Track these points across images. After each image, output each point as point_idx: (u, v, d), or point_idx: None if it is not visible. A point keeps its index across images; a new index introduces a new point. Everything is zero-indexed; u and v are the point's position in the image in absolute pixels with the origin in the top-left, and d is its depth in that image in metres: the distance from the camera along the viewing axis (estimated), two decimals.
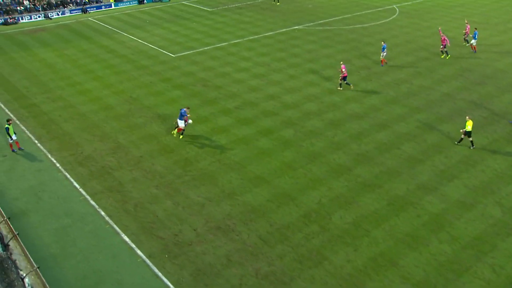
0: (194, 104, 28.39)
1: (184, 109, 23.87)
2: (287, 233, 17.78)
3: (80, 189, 20.45)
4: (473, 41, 36.81)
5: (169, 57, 36.98)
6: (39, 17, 50.75)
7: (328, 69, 33.85)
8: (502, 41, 40.03)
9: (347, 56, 36.40)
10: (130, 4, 56.86)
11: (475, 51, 36.88)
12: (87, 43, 40.93)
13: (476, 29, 37.60)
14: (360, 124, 25.79)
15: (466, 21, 39.97)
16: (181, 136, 24.45)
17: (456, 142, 23.79)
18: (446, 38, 35.57)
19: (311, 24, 46.22)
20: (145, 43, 40.63)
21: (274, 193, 20.02)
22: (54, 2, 52.59)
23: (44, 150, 23.59)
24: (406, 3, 54.84)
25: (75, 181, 21.05)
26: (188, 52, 38.00)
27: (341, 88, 30.22)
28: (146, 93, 30.21)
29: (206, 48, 39.07)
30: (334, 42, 40.18)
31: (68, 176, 21.43)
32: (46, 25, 47.87)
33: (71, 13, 52.68)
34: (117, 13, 52.55)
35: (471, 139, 23.33)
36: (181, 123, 23.93)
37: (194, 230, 18.00)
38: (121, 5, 56.15)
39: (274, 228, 18.02)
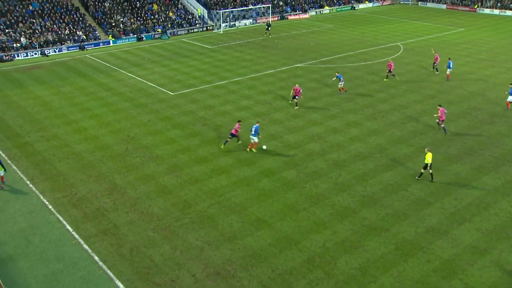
0: (194, 144, 28.82)
1: (257, 124, 27.00)
2: (290, 279, 17.70)
3: (73, 232, 20.50)
4: (448, 71, 40.53)
5: (168, 95, 37.77)
6: (35, 54, 52.10)
7: (332, 107, 34.47)
8: (510, 79, 40.86)
9: (349, 94, 37.13)
10: (128, 41, 58.49)
11: (448, 79, 40.64)
12: (84, 81, 41.88)
13: (449, 59, 41.88)
14: (365, 165, 26.06)
15: (433, 51, 45.08)
16: (253, 150, 27.55)
17: (416, 177, 24.54)
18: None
19: (314, 61, 47.38)
20: (144, 81, 41.59)
21: (276, 237, 20.05)
22: (51, 39, 54.12)
23: (37, 191, 23.78)
24: (411, 40, 56.38)
25: (68, 223, 21.14)
26: (188, 90, 38.83)
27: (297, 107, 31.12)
28: (144, 132, 30.71)
29: (206, 86, 39.94)
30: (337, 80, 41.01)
31: (61, 218, 21.53)
32: (42, 62, 49.11)
33: (68, 50, 54.11)
34: (115, 50, 53.99)
35: (431, 171, 24.12)
36: (254, 138, 26.93)
37: (193, 276, 17.94)
38: (119, 42, 57.73)
39: (276, 274, 17.96)
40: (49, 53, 52.86)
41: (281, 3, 77.50)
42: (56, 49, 53.48)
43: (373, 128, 30.83)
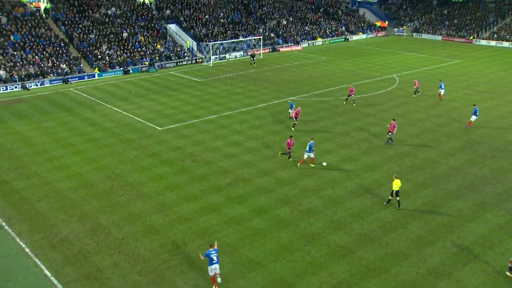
0: (182, 181, 28.85)
1: (312, 141, 29.89)
2: None
3: (52, 278, 20.17)
4: (441, 91, 44.91)
5: (156, 130, 37.99)
6: (15, 87, 52.38)
7: (326, 142, 34.82)
8: (510, 112, 41.70)
9: (345, 129, 37.62)
10: (115, 74, 59.14)
11: (441, 98, 45.22)
12: (67, 116, 42.06)
13: (441, 80, 46.68)
14: (362, 201, 26.17)
15: (414, 79, 49.14)
16: (311, 165, 30.30)
17: (385, 203, 25.59)
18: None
19: (307, 94, 48.12)
20: (131, 115, 41.87)
21: (270, 279, 19.88)
22: (33, 72, 54.57)
23: (13, 234, 23.45)
24: (406, 72, 57.60)
25: (47, 268, 20.81)
26: (176, 125, 39.10)
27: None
28: (130, 168, 30.72)
29: (195, 120, 40.27)
30: (331, 113, 41.65)
31: (39, 262, 21.20)
32: (23, 96, 49.34)
33: (51, 83, 54.49)
34: (101, 84, 54.50)
35: (398, 198, 25.08)
36: (310, 154, 29.82)
37: None
38: (105, 75, 58.34)
39: None
40: (31, 86, 53.18)
41: (272, 35, 79.21)
42: (38, 82, 53.86)
43: (370, 163, 31.11)
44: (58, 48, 59.27)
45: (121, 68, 60.20)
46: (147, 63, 62.24)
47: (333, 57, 69.90)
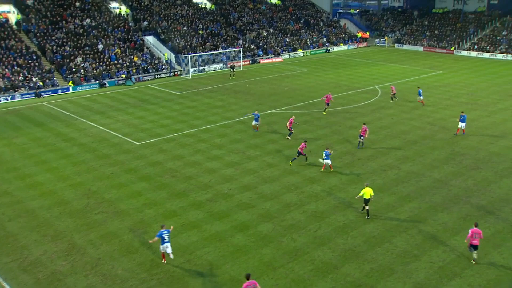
0: (161, 197, 28.65)
1: (328, 151, 31.71)
2: None
3: None
4: (420, 97, 48.09)
5: (133, 145, 37.74)
6: None
7: (308, 155, 34.99)
8: (493, 123, 42.57)
9: (328, 141, 37.89)
10: (90, 88, 58.71)
11: (423, 104, 48.34)
12: (40, 131, 41.53)
13: (419, 87, 49.81)
14: (346, 216, 26.31)
15: (391, 85, 52.22)
16: (327, 169, 31.99)
17: (360, 210, 26.47)
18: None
19: (289, 107, 48.43)
20: (107, 130, 41.55)
21: None
22: (2, 86, 53.86)
23: None
24: (388, 83, 58.36)
25: None
26: (154, 140, 38.91)
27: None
28: (107, 185, 30.40)
29: (174, 135, 40.14)
30: (314, 126, 41.95)
31: (8, 287, 20.73)
32: None
33: (22, 97, 53.77)
34: (75, 98, 54.03)
35: (367, 207, 25.84)
36: (328, 161, 31.71)
37: None
38: (80, 89, 57.88)
39: None
40: (1, 101, 52.43)
41: (252, 46, 79.74)
42: (9, 96, 53.14)
43: (353, 177, 31.35)
44: (29, 61, 58.64)
45: (97, 82, 59.81)
46: (124, 76, 61.99)
47: (314, 69, 70.62)
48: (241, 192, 29.20)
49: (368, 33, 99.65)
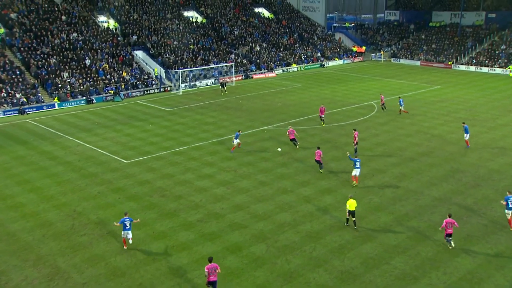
0: (151, 217, 28.50)
1: (359, 159, 32.69)
2: None
3: None
4: (400, 107, 51.01)
5: (121, 163, 37.63)
6: None
7: (303, 173, 35.05)
8: (493, 139, 42.89)
9: (322, 159, 37.92)
10: (77, 104, 58.70)
11: (407, 112, 51.21)
12: (23, 149, 41.34)
13: (400, 97, 52.89)
14: (342, 236, 26.26)
15: (380, 94, 55.79)
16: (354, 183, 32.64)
17: (345, 224, 27.35)
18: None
19: (282, 123, 48.59)
20: (94, 148, 41.44)
21: None
22: None
23: None
24: (386, 99, 58.69)
25: None
26: (143, 158, 38.84)
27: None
28: (93, 206, 30.22)
29: (164, 152, 40.10)
30: (308, 143, 42.06)
31: None
32: None
33: (5, 114, 53.51)
34: (61, 115, 53.94)
35: (354, 219, 26.90)
36: (356, 171, 32.23)
37: None
38: (66, 105, 57.83)
39: None
40: None
41: (245, 61, 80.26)
42: None
43: (347, 195, 31.27)
44: (13, 76, 58.54)
45: (84, 98, 59.82)
46: (112, 92, 62.07)
47: (308, 84, 71.07)
48: (233, 212, 29.11)
49: (363, 48, 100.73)
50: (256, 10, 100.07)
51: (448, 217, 24.73)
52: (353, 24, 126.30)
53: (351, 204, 26.61)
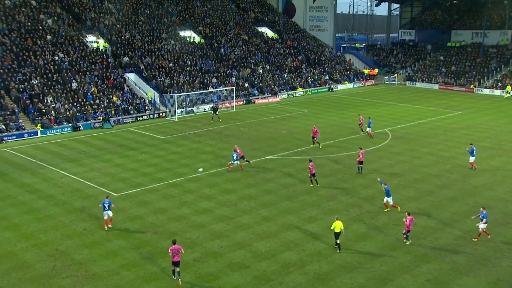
0: (142, 256, 28.40)
1: (388, 187, 34.17)
2: None
3: None
4: (368, 129, 53.89)
5: (111, 196, 37.53)
6: None
7: (309, 208, 35.03)
8: None
9: (332, 192, 38.02)
10: (61, 131, 59.03)
11: (372, 137, 53.76)
12: (0, 182, 41.38)
13: (369, 118, 55.66)
14: (354, 278, 26.10)
15: (359, 115, 57.79)
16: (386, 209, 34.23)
17: (338, 251, 28.69)
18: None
19: (287, 153, 48.77)
20: (81, 179, 41.54)
21: None
22: None
23: None
24: (399, 126, 59.15)
25: None
26: (135, 190, 38.90)
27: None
28: (78, 244, 30.15)
29: (157, 184, 40.17)
30: (315, 174, 42.06)
31: None
32: None
33: None
34: (44, 143, 54.22)
35: (338, 241, 28.50)
36: (389, 199, 33.88)
37: None
38: (50, 133, 58.14)
39: None
40: None
41: (246, 85, 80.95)
42: None
43: (361, 232, 31.26)
44: None
45: (70, 124, 60.20)
46: (101, 118, 62.47)
47: (315, 110, 71.54)
48: (234, 250, 29.01)
49: (376, 70, 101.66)
50: (259, 29, 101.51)
51: (408, 214, 29.45)
52: (364, 44, 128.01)
53: (337, 226, 28.30)
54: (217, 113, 65.02)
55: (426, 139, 52.86)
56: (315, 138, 50.05)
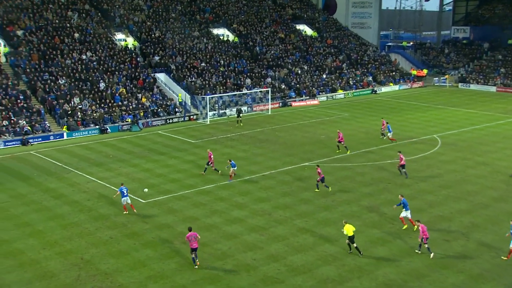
0: (170, 268, 28.64)
1: (405, 200, 33.49)
2: None
3: None
4: (389, 134, 54.06)
5: (138, 203, 38.09)
6: None
7: (350, 219, 34.62)
8: None
9: (374, 202, 37.64)
10: (88, 134, 59.99)
11: (395, 141, 53.97)
12: (25, 186, 42.25)
13: (387, 122, 55.21)
14: None
15: (382, 118, 58.38)
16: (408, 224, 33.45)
17: (349, 252, 29.82)
18: (341, 135, 51.56)
19: (325, 159, 48.52)
20: (107, 185, 42.13)
21: None
22: None
23: None
24: (451, 132, 58.17)
25: None
26: (163, 197, 39.24)
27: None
28: (104, 253, 30.54)
29: (187, 191, 40.44)
30: (356, 183, 41.80)
31: None
32: None
33: (5, 145, 54.73)
34: (70, 146, 55.21)
35: (355, 245, 29.31)
36: (408, 214, 33.08)
37: None
38: (76, 135, 59.17)
39: None
40: None
41: (283, 86, 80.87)
42: None
43: (406, 248, 30.82)
44: (16, 101, 60.19)
45: (97, 126, 61.12)
46: (129, 120, 63.27)
47: (357, 114, 71.03)
48: (267, 264, 28.97)
49: (425, 71, 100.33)
50: (297, 27, 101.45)
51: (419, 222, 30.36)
52: (411, 43, 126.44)
53: (349, 229, 29.15)
54: (240, 116, 65.25)
55: (480, 147, 51.83)
56: (342, 143, 50.22)
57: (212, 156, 44.09)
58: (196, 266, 28.21)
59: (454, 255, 29.94)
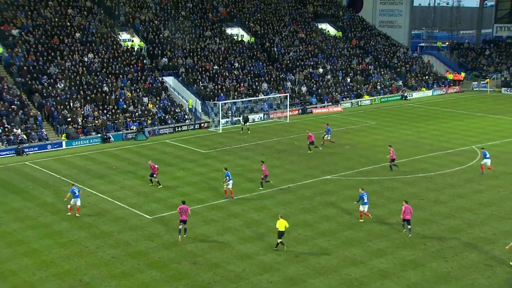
0: None
1: (365, 193, 36.62)
2: None
3: None
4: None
5: (143, 219, 38.25)
6: None
7: (377, 239, 34.58)
8: None
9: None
10: (90, 143, 60.36)
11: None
12: (19, 200, 42.51)
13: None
14: None
15: (307, 130, 57.47)
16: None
17: (274, 248, 32.27)
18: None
19: (350, 172, 48.40)
20: (110, 199, 42.35)
21: None
22: None
23: None
24: (491, 143, 57.59)
25: None
26: (171, 213, 39.30)
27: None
28: (105, 274, 30.62)
29: (197, 206, 40.49)
30: (384, 198, 41.61)
31: None
32: None
33: None
34: (69, 156, 55.57)
35: (279, 240, 31.75)
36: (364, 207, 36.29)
37: None
38: (76, 144, 59.52)
39: None
40: None
41: (303, 91, 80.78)
42: None
43: (442, 272, 30.56)
44: (11, 107, 60.53)
45: (99, 135, 61.50)
46: (134, 128, 63.57)
47: (385, 122, 70.78)
48: (285, 287, 28.93)
49: (462, 74, 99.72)
50: (319, 26, 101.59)
51: (406, 204, 34.49)
52: (447, 43, 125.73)
53: (281, 224, 31.31)
54: (247, 124, 65.46)
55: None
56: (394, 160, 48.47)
57: (156, 167, 44.92)
58: (180, 239, 32.22)
59: (498, 283, 29.48)
